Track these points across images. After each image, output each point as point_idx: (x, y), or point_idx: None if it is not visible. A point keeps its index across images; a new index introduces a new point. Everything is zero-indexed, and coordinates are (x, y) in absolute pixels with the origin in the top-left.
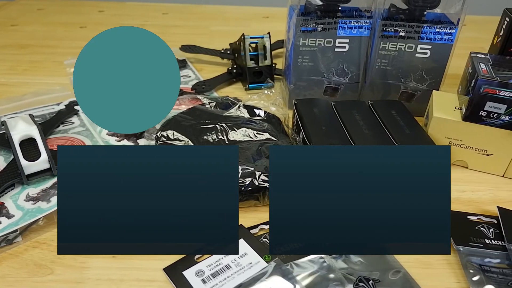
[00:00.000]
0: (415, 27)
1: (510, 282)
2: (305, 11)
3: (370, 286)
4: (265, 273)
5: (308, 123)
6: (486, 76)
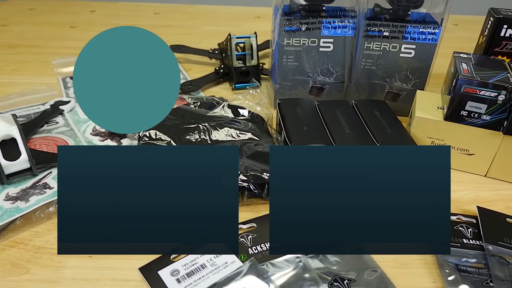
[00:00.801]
0: (399, 27)
1: (486, 282)
2: (289, 11)
3: (345, 285)
4: (240, 272)
5: (289, 123)
6: (466, 76)
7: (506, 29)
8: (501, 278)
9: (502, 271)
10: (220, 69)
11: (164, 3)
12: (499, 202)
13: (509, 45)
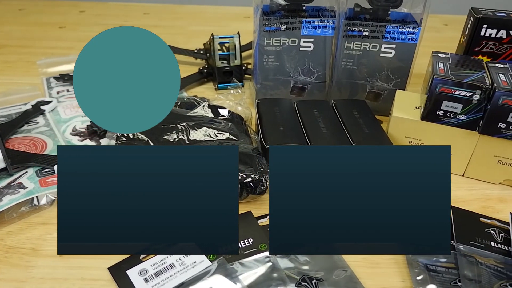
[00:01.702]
0: (379, 27)
1: (454, 282)
2: (269, 10)
3: (313, 285)
4: (208, 272)
5: (266, 123)
6: (442, 76)
7: (486, 29)
8: (469, 277)
9: (471, 271)
10: (204, 69)
11: (154, 3)
12: (475, 202)
13: (489, 44)
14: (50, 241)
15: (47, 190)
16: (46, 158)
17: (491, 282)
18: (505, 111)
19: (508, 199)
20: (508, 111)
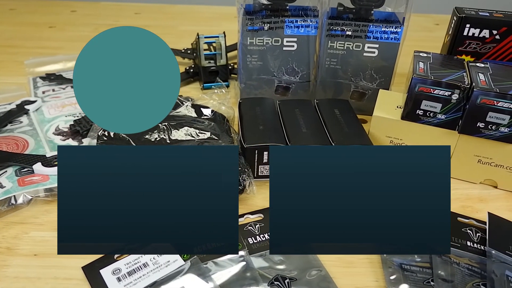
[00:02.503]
0: (361, 26)
1: (427, 281)
2: (253, 10)
3: (285, 284)
4: (181, 271)
5: (246, 122)
6: (421, 75)
7: (469, 28)
8: (442, 277)
9: (445, 270)
10: (191, 68)
11: (146, 3)
12: (454, 201)
13: (473, 44)
14: (26, 241)
15: (24, 190)
16: (26, 157)
17: (463, 282)
18: (483, 111)
19: (488, 198)
20: (486, 111)
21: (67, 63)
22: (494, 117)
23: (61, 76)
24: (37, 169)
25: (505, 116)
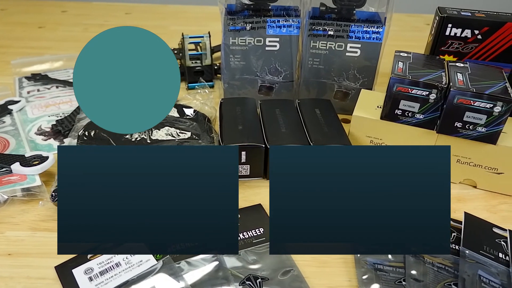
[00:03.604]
0: (343, 26)
1: (398, 281)
2: (235, 10)
3: (257, 284)
4: (153, 270)
5: (225, 122)
6: (398, 75)
7: (451, 28)
8: (414, 276)
9: (417, 270)
10: None
11: (136, 3)
12: None
13: (455, 44)
14: (1, 240)
15: (1, 189)
16: (5, 157)
17: (435, 281)
18: (461, 110)
19: (466, 198)
20: (463, 110)
21: (54, 63)
22: (471, 117)
23: (47, 76)
24: (15, 169)
25: (482, 116)
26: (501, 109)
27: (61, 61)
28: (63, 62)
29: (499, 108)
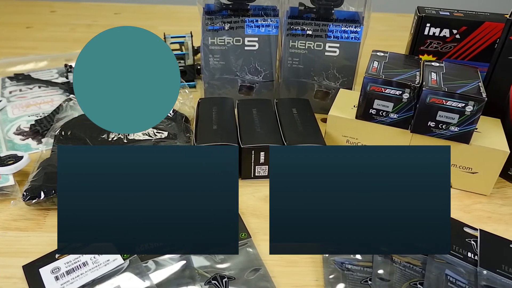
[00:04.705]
0: (321, 26)
1: (364, 280)
2: (214, 10)
3: (223, 284)
4: (119, 270)
5: (201, 122)
6: (372, 74)
7: (429, 28)
8: (381, 276)
9: (384, 269)
10: None
11: (126, 3)
12: None
13: (434, 43)
14: None
15: None
16: None
17: (401, 281)
18: (433, 110)
19: None
20: (436, 110)
21: (38, 63)
22: (444, 116)
23: (29, 76)
24: None
25: (455, 115)
26: (473, 109)
27: (45, 61)
28: (47, 62)
29: (471, 107)
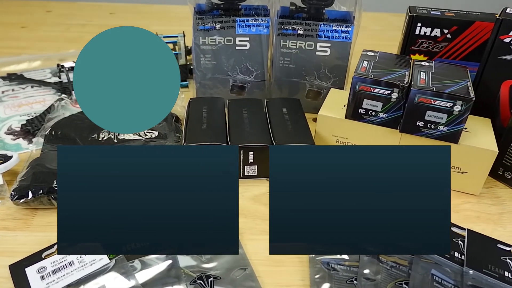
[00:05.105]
0: (312, 25)
1: (350, 280)
2: (205, 9)
3: (208, 283)
4: (105, 269)
5: (190, 122)
6: (361, 74)
7: (420, 27)
8: (366, 275)
9: (370, 269)
10: None
11: (121, 3)
12: None
13: (425, 43)
14: None
15: None
16: None
17: (387, 280)
18: (422, 109)
19: None
20: (424, 109)
21: (31, 63)
22: (432, 116)
23: (22, 76)
24: None
25: (443, 115)
26: (461, 108)
27: (38, 61)
28: (40, 62)
29: (459, 107)
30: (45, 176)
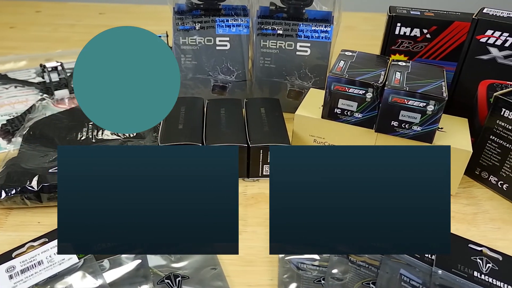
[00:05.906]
0: (292, 25)
1: (317, 280)
2: (186, 9)
3: (176, 283)
4: (73, 269)
5: (167, 121)
6: (336, 74)
7: (400, 27)
8: (335, 275)
9: (339, 268)
10: None
11: (111, 3)
12: None
13: (405, 43)
14: None
15: None
16: None
17: (354, 280)
18: (396, 109)
19: None
20: (398, 109)
21: (17, 63)
22: (406, 115)
23: (6, 76)
24: None
25: (417, 115)
26: (434, 108)
27: (24, 61)
28: (26, 62)
29: (432, 107)
30: (20, 176)
